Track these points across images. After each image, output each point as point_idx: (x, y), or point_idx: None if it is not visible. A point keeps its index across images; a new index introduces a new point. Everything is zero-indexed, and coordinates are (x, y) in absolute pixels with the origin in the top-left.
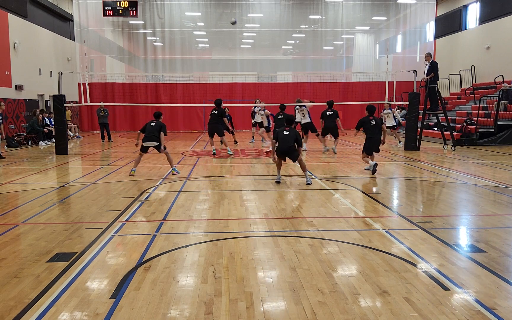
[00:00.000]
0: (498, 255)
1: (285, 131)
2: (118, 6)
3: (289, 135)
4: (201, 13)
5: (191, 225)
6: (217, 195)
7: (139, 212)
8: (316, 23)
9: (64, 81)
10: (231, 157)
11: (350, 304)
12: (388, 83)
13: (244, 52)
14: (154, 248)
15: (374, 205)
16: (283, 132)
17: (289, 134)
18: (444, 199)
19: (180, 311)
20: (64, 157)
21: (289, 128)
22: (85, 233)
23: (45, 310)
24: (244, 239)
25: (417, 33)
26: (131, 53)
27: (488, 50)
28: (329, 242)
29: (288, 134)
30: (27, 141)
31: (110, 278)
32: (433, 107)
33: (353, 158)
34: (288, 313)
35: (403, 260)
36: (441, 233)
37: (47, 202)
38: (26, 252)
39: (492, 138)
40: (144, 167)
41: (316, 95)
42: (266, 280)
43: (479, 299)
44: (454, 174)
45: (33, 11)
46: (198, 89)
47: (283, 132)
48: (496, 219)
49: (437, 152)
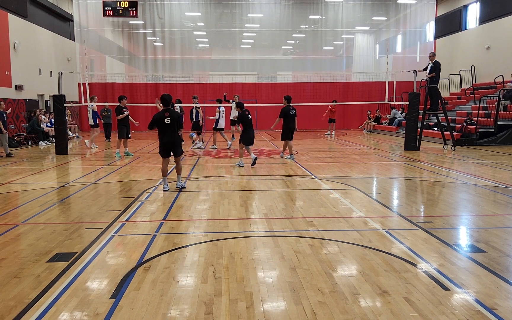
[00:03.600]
0: (498, 255)
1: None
2: (118, 6)
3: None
4: (201, 13)
5: (191, 225)
6: (217, 195)
7: (139, 212)
8: (316, 23)
9: (64, 81)
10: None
11: (350, 304)
12: (388, 83)
13: (244, 52)
14: (154, 248)
15: (374, 205)
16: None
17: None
18: (444, 199)
19: (180, 311)
20: (64, 157)
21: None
22: (85, 233)
23: (45, 310)
24: (244, 239)
25: (417, 33)
26: (131, 53)
27: (488, 50)
28: (329, 242)
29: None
30: (27, 141)
31: (110, 278)
32: (433, 107)
33: (353, 158)
34: (288, 313)
35: (403, 260)
36: (441, 233)
37: (47, 202)
38: (26, 252)
39: (492, 138)
40: (144, 167)
41: (316, 95)
42: (266, 280)
43: (479, 299)
44: (454, 174)
45: (33, 11)
46: (198, 89)
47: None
48: (496, 219)
49: (437, 152)
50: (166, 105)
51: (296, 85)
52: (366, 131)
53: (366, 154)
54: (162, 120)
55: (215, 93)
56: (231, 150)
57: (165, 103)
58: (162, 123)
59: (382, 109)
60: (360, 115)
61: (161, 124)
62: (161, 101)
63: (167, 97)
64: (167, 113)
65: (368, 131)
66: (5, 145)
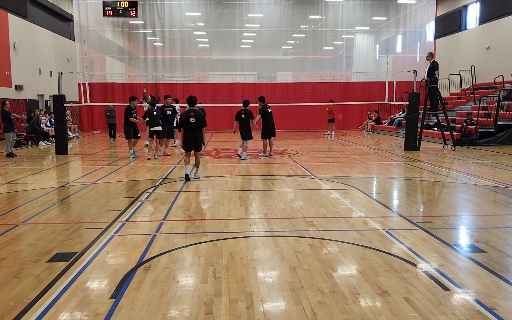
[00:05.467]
0: (498, 255)
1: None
2: (118, 6)
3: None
4: (201, 13)
5: (191, 225)
6: (217, 195)
7: (139, 212)
8: (316, 23)
9: (64, 81)
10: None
11: (350, 304)
12: (388, 83)
13: (244, 52)
14: (154, 248)
15: (374, 205)
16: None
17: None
18: (444, 199)
19: (180, 311)
20: (64, 157)
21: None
22: (85, 233)
23: (45, 310)
24: (244, 239)
25: (417, 33)
26: (131, 53)
27: (488, 50)
28: (329, 242)
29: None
30: (27, 141)
31: (110, 278)
32: (433, 107)
33: (353, 158)
34: (288, 313)
35: (403, 260)
36: (441, 233)
37: (47, 202)
38: (26, 252)
39: (492, 138)
40: (144, 167)
41: (316, 95)
42: (266, 280)
43: (479, 299)
44: (454, 174)
45: (33, 11)
46: (198, 89)
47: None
48: (496, 219)
49: (437, 152)
50: (191, 106)
51: (296, 85)
52: (366, 131)
53: (366, 154)
54: (188, 119)
55: (215, 93)
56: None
57: (191, 104)
58: (187, 121)
59: (382, 110)
60: (360, 115)
61: (187, 123)
62: (188, 102)
63: (193, 99)
64: (192, 113)
65: (367, 131)
66: (7, 145)
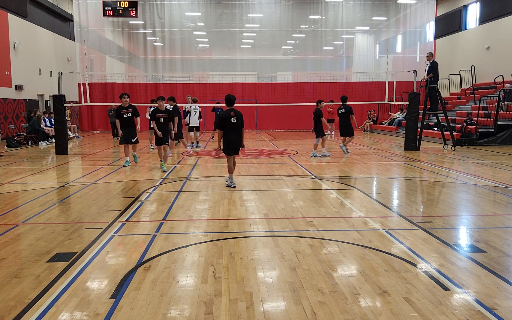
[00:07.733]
0: (498, 255)
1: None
2: (118, 6)
3: None
4: (201, 13)
5: (191, 225)
6: (217, 195)
7: (139, 212)
8: (316, 23)
9: (64, 81)
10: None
11: (350, 304)
12: (388, 83)
13: (244, 52)
14: (154, 248)
15: (374, 205)
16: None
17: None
18: (444, 199)
19: (180, 311)
20: (64, 157)
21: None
22: (85, 233)
23: (45, 310)
24: (244, 239)
25: (417, 33)
26: (131, 53)
27: (488, 50)
28: (329, 242)
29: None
30: (27, 141)
31: (110, 278)
32: (433, 107)
33: (353, 158)
34: (288, 313)
35: (403, 260)
36: (441, 233)
37: (47, 202)
38: (26, 252)
39: (492, 138)
40: (144, 167)
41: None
42: (266, 280)
43: (479, 299)
44: (454, 174)
45: (33, 11)
46: (198, 89)
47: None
48: (496, 219)
49: (437, 152)
50: (230, 105)
51: (296, 85)
52: (364, 131)
53: (366, 154)
54: (229, 119)
55: (215, 93)
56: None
57: (230, 103)
58: (229, 122)
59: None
60: (360, 115)
61: (228, 123)
62: (225, 101)
63: (231, 97)
64: (232, 113)
65: (366, 131)
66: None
